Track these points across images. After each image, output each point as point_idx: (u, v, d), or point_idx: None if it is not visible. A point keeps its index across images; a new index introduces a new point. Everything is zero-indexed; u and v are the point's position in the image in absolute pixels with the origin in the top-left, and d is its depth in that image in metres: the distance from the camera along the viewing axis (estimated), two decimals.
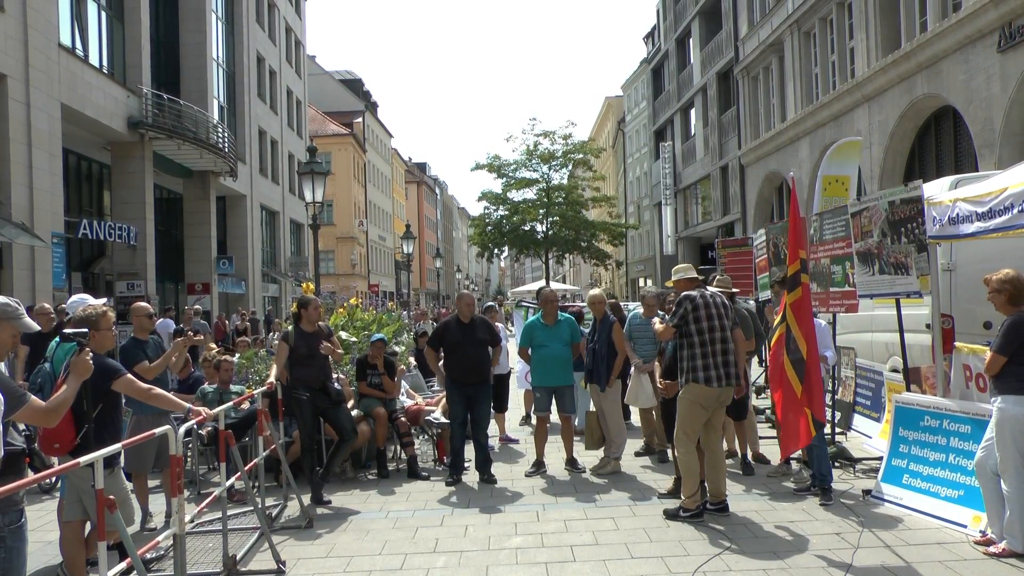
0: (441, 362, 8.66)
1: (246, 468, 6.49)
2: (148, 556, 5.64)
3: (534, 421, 9.49)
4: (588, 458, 9.04)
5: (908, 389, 7.96)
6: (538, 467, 8.69)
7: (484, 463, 8.42)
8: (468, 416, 8.48)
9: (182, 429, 5.04)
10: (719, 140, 36.53)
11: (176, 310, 25.00)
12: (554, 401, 8.88)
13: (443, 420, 9.29)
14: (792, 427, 6.57)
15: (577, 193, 44.13)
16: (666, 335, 7.00)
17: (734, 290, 8.77)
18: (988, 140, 16.10)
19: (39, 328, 4.24)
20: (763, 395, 12.08)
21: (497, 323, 10.81)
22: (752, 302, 12.19)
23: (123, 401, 5.86)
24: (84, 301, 8.00)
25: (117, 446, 4.54)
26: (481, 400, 8.48)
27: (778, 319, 6.94)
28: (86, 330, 4.80)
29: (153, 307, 8.26)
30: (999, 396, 5.61)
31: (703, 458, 6.80)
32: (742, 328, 8.39)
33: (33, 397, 3.87)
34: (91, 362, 4.49)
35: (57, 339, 7.49)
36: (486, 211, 44.33)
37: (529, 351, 8.93)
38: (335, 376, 8.14)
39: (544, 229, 42.95)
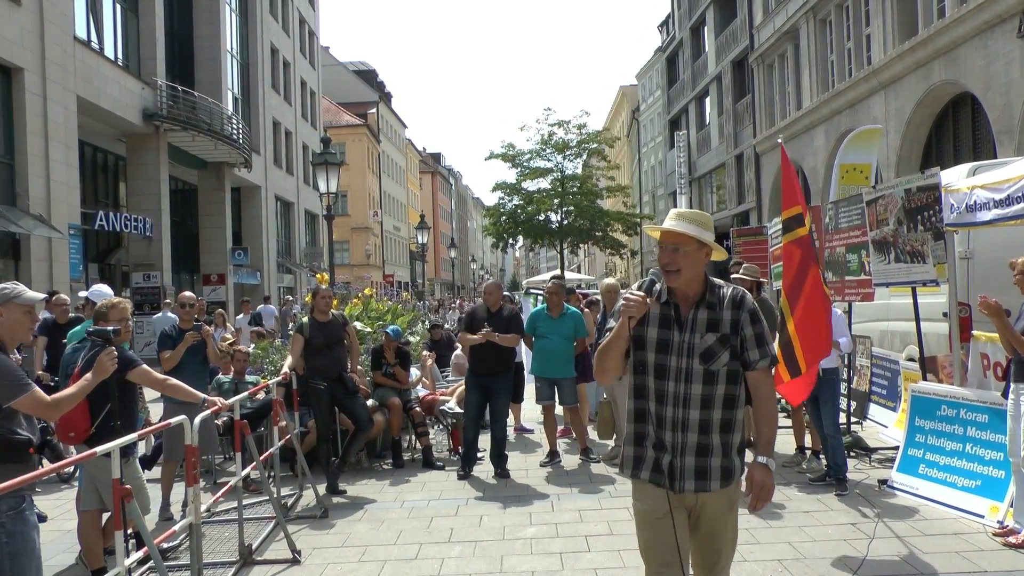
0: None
1: (261, 458, 6.52)
2: (164, 545, 5.68)
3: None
4: (603, 448, 9.05)
5: (924, 378, 7.91)
6: (552, 457, 8.68)
7: (499, 457, 8.27)
8: (485, 407, 8.38)
9: (198, 419, 5.07)
10: (734, 128, 36.31)
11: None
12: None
13: (457, 410, 9.31)
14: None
15: (591, 183, 43.96)
16: None
17: (762, 280, 8.64)
18: (1007, 127, 15.93)
19: (42, 297, 4.23)
20: None
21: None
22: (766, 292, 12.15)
23: (139, 392, 5.90)
24: (101, 292, 8.13)
25: (133, 436, 4.57)
26: (501, 391, 8.27)
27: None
28: (116, 328, 4.82)
29: (169, 297, 8.38)
30: None
31: None
32: (768, 325, 8.32)
33: (36, 387, 3.84)
34: (115, 362, 4.49)
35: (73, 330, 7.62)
36: (500, 201, 44.20)
37: (533, 340, 8.92)
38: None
39: (558, 219, 42.80)
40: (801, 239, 6.28)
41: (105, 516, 5.40)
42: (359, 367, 8.87)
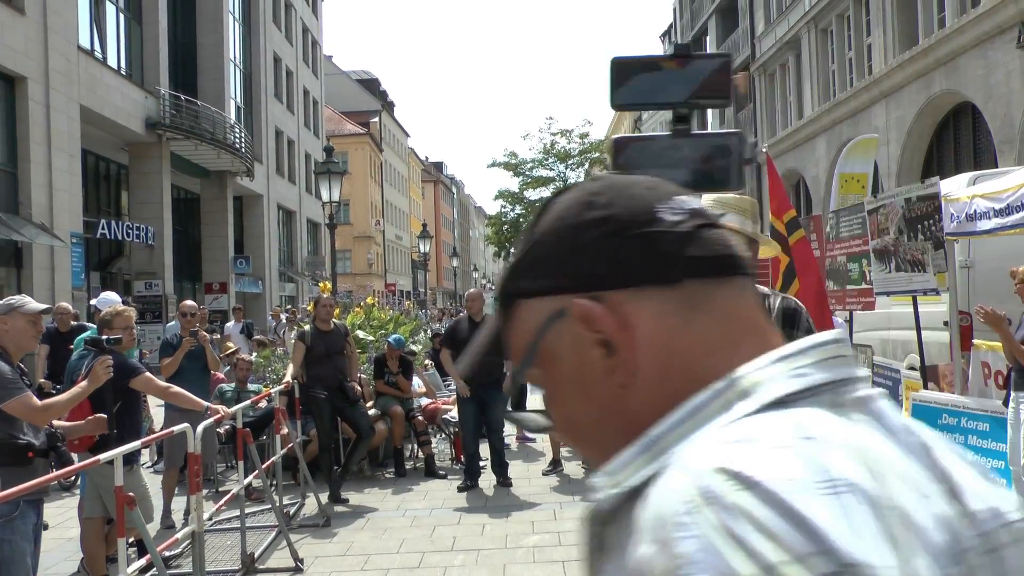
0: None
1: (264, 466, 6.53)
2: (167, 553, 5.69)
3: None
4: None
5: (925, 387, 7.91)
6: (555, 465, 8.68)
7: (500, 467, 8.27)
8: (481, 419, 8.33)
9: (200, 427, 5.08)
10: None
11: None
12: None
13: None
14: None
15: None
16: None
17: (764, 290, 8.68)
18: (1008, 136, 15.96)
19: (45, 307, 4.23)
20: None
21: None
22: None
23: (143, 399, 5.92)
24: (109, 300, 8.17)
25: (137, 443, 4.60)
26: (494, 402, 8.21)
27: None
28: (114, 337, 4.84)
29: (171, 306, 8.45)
30: None
31: None
32: None
33: (28, 392, 3.86)
34: (110, 370, 4.50)
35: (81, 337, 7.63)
36: (503, 210, 44.36)
37: None
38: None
39: None
40: (804, 239, 6.45)
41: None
42: (361, 375, 8.89)
